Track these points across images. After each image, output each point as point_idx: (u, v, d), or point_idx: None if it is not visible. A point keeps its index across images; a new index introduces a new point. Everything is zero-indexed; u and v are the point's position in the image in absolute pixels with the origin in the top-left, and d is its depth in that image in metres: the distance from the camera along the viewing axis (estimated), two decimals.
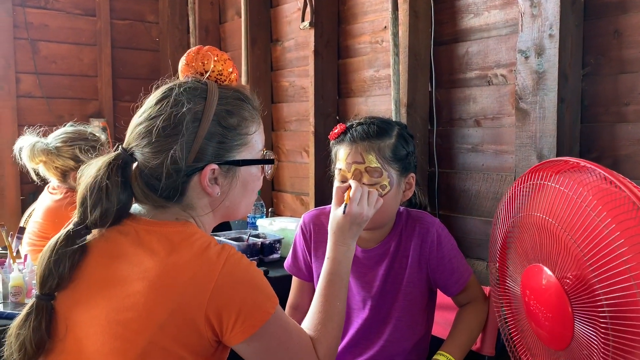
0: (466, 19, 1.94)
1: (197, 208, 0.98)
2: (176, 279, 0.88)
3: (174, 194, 0.95)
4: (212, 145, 0.95)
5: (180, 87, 0.97)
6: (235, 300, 0.89)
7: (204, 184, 0.96)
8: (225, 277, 0.89)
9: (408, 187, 1.38)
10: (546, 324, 1.13)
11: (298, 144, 2.81)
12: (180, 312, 0.87)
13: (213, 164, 0.95)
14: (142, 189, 0.95)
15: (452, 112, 2.01)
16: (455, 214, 2.00)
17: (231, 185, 0.99)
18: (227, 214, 1.04)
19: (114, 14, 3.44)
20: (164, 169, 0.92)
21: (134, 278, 0.90)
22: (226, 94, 0.99)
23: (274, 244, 2.06)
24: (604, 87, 1.58)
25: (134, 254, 0.92)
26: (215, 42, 3.36)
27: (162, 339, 0.87)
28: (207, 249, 0.91)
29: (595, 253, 1.00)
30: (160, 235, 0.93)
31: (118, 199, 0.93)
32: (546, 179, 1.15)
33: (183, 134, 0.93)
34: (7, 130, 3.09)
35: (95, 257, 0.94)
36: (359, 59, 2.40)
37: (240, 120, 0.98)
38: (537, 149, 1.60)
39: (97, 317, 0.90)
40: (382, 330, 1.40)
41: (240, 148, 0.99)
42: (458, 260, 1.41)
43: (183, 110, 0.93)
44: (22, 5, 3.16)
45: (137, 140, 0.95)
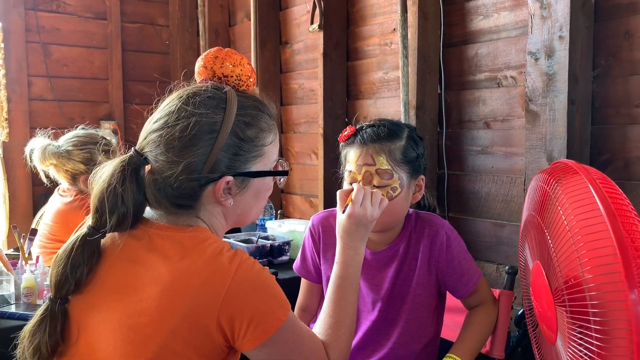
0: (475, 21, 1.93)
1: (210, 216, 0.98)
2: (189, 284, 0.88)
3: (187, 203, 0.95)
4: (228, 157, 0.94)
5: (198, 96, 0.94)
6: (248, 307, 0.89)
7: (217, 195, 0.95)
8: (238, 283, 0.89)
9: (418, 190, 1.37)
10: (542, 319, 1.16)
11: (307, 146, 2.81)
12: (192, 317, 0.87)
13: (228, 176, 0.94)
14: (155, 196, 0.94)
15: (461, 114, 2.00)
16: (464, 216, 1.99)
17: (244, 195, 0.99)
18: (238, 221, 1.04)
19: (124, 17, 3.47)
20: (178, 179, 0.91)
21: (146, 283, 0.90)
22: (245, 103, 0.97)
23: (283, 246, 2.06)
24: (614, 88, 1.57)
25: (147, 259, 0.92)
26: (224, 44, 3.37)
27: (173, 344, 0.87)
28: (220, 255, 0.91)
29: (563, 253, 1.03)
30: (173, 240, 0.93)
31: (134, 203, 0.92)
32: (546, 182, 1.17)
33: (200, 145, 0.92)
34: (19, 133, 3.12)
35: (109, 261, 0.94)
36: (368, 61, 2.40)
37: (258, 131, 0.97)
38: (547, 151, 1.60)
39: (110, 322, 0.90)
40: (391, 332, 1.39)
41: (256, 160, 0.98)
42: (468, 263, 1.40)
43: (201, 120, 0.92)
44: (34, 9, 3.19)
45: (152, 147, 0.94)
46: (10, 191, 3.10)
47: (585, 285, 0.95)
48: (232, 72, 0.98)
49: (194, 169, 0.92)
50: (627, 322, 0.89)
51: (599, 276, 0.93)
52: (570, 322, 1.01)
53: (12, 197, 3.12)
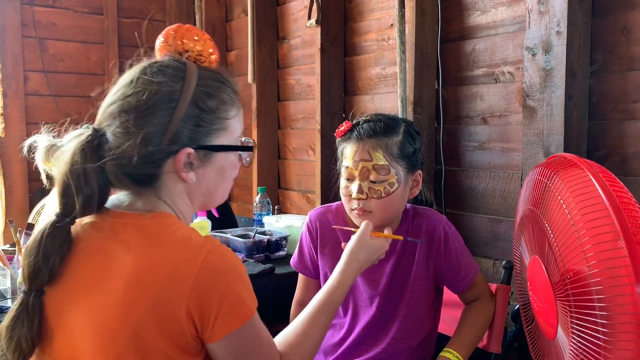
0: (473, 16, 1.93)
1: (173, 195, 0.93)
2: (154, 274, 0.84)
3: (148, 179, 0.91)
4: (188, 127, 0.90)
5: (156, 66, 0.92)
6: (217, 293, 0.85)
7: (178, 169, 0.91)
8: (208, 270, 0.85)
9: (415, 185, 1.37)
10: (541, 313, 1.16)
11: (304, 141, 2.81)
12: (161, 308, 0.84)
13: (189, 148, 0.90)
14: (115, 173, 0.89)
15: (458, 110, 2.00)
16: (461, 212, 2.00)
17: (207, 171, 0.94)
18: (204, 202, 0.99)
19: (121, 12, 3.45)
20: (137, 151, 0.87)
21: (112, 274, 0.86)
22: (206, 74, 0.94)
23: (280, 241, 2.06)
24: (612, 84, 1.57)
25: (111, 250, 0.88)
26: (221, 40, 3.37)
27: (144, 336, 0.84)
28: (188, 241, 0.87)
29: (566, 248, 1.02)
30: (136, 227, 0.89)
31: (98, 183, 0.88)
32: (545, 175, 1.17)
33: (158, 114, 0.88)
34: (15, 128, 3.11)
35: (78, 253, 0.90)
36: (366, 56, 2.40)
37: (220, 103, 0.93)
38: (545, 147, 1.60)
39: (80, 317, 0.87)
40: (389, 327, 1.40)
41: (218, 133, 0.94)
42: (465, 258, 1.41)
43: (159, 89, 0.89)
44: (30, 4, 3.17)
45: (109, 120, 0.90)
46: (6, 187, 3.09)
47: (591, 280, 0.94)
48: (193, 48, 0.95)
49: (152, 140, 0.88)
50: (633, 316, 0.89)
51: (605, 270, 0.92)
52: (574, 316, 1.01)
53: (9, 193, 3.11)
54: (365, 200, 1.30)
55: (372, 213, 1.31)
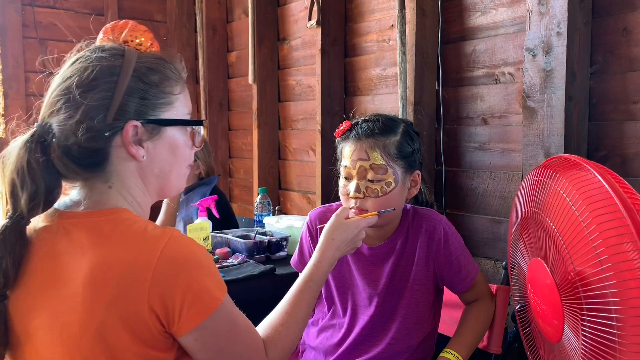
0: (473, 17, 1.93)
1: (125, 179, 0.90)
2: (110, 272, 0.82)
3: (96, 162, 0.88)
4: (133, 101, 0.88)
5: (95, 47, 0.91)
6: (179, 285, 0.82)
7: (126, 143, 0.88)
8: (166, 262, 0.82)
9: (413, 185, 1.38)
10: (543, 316, 1.16)
11: (305, 142, 2.81)
12: (121, 306, 0.81)
13: (135, 121, 0.88)
14: (62, 160, 0.86)
15: (459, 111, 2.00)
16: (462, 213, 2.00)
17: (156, 148, 0.91)
18: (159, 186, 0.95)
19: (122, 13, 3.46)
20: (80, 128, 0.84)
21: (69, 279, 0.84)
22: (146, 54, 0.93)
23: (280, 242, 2.06)
24: (612, 85, 1.57)
25: (65, 253, 0.85)
26: (222, 41, 3.37)
27: (107, 337, 0.82)
28: (144, 233, 0.84)
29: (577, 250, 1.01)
30: (89, 226, 0.86)
31: (44, 179, 0.85)
32: (547, 176, 1.16)
33: (100, 88, 0.86)
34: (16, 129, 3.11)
35: (34, 258, 0.88)
36: (366, 57, 2.40)
37: (163, 78, 0.92)
38: (545, 148, 1.60)
39: (43, 324, 0.85)
40: (389, 327, 1.40)
41: (164, 107, 0.91)
42: (465, 258, 1.41)
43: (100, 64, 0.87)
44: (31, 5, 3.18)
45: (52, 107, 0.88)
46: None
47: (606, 282, 0.93)
48: (132, 38, 0.94)
49: (96, 115, 0.85)
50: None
51: (620, 272, 0.91)
52: (585, 317, 1.00)
53: None
54: (363, 199, 1.31)
55: (369, 211, 1.32)
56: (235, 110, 3.39)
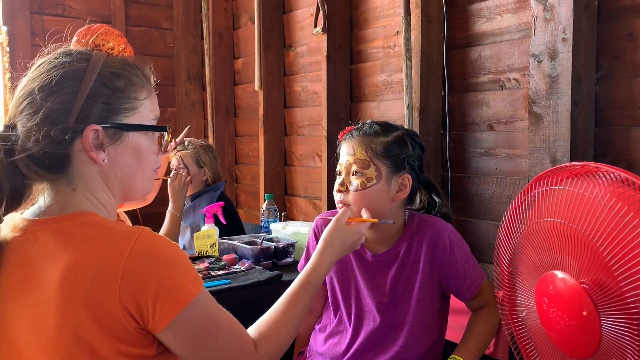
0: (478, 24, 1.94)
1: (88, 182, 0.90)
2: (81, 274, 0.82)
3: (58, 163, 0.88)
4: (96, 106, 0.88)
5: (62, 51, 0.91)
6: (151, 282, 0.82)
7: (86, 147, 0.88)
8: (135, 259, 0.82)
9: (402, 188, 1.38)
10: (568, 332, 1.09)
11: (311, 148, 2.82)
12: (94, 306, 0.82)
13: (95, 125, 0.87)
14: (25, 162, 0.87)
15: (464, 116, 2.00)
16: (468, 219, 2.00)
17: (118, 152, 0.91)
18: (123, 190, 0.95)
19: (129, 21, 3.48)
20: (42, 131, 0.85)
21: (42, 284, 0.84)
22: (114, 59, 0.93)
23: (287, 248, 2.07)
24: (618, 90, 1.57)
25: (37, 259, 0.86)
26: (228, 48, 3.39)
27: (84, 338, 0.82)
28: (111, 233, 0.85)
29: (624, 256, 0.97)
30: (55, 231, 0.86)
31: (8, 180, 0.86)
32: (561, 183, 1.13)
33: (62, 91, 0.86)
34: None
35: (8, 267, 0.88)
36: (372, 63, 2.41)
37: (128, 83, 0.91)
38: (551, 153, 1.60)
39: (22, 330, 0.86)
40: (397, 335, 1.40)
41: (128, 112, 0.91)
42: (471, 265, 1.41)
43: (64, 68, 0.88)
44: (40, 13, 3.21)
45: (17, 108, 0.88)
46: None
47: None
48: (104, 42, 0.94)
49: (58, 118, 0.86)
50: None
51: None
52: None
53: None
54: (345, 193, 1.37)
55: (350, 206, 1.37)
56: (241, 117, 3.40)
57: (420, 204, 1.50)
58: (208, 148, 2.60)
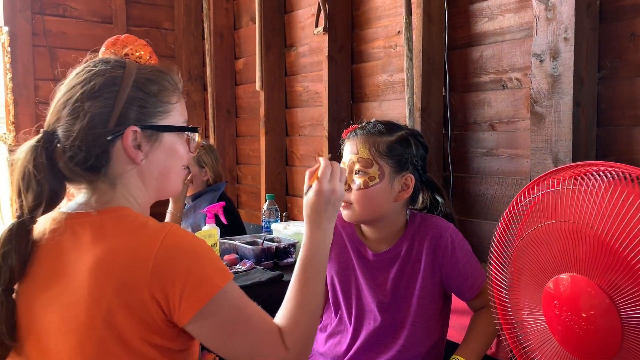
0: (480, 23, 1.93)
1: (126, 180, 0.96)
2: (114, 262, 0.87)
3: (99, 164, 0.93)
4: (133, 109, 0.95)
5: (98, 59, 0.98)
6: (178, 274, 0.86)
7: (126, 146, 0.94)
8: (166, 251, 0.87)
9: (405, 188, 1.38)
10: (585, 336, 1.05)
11: (312, 148, 2.81)
12: (125, 293, 0.86)
13: (134, 126, 0.94)
14: (67, 165, 0.93)
15: (466, 116, 2.00)
16: (470, 219, 1.99)
17: (155, 152, 0.98)
18: (158, 187, 1.01)
19: (130, 21, 3.49)
20: (84, 134, 0.91)
21: (75, 272, 0.89)
22: (145, 66, 1.00)
23: (288, 248, 2.07)
24: (620, 90, 1.57)
25: (72, 249, 0.91)
26: (229, 48, 3.39)
27: (115, 324, 0.86)
28: (144, 227, 0.90)
29: None
30: (93, 224, 0.92)
31: (48, 182, 0.92)
32: (563, 184, 1.10)
33: (102, 97, 0.93)
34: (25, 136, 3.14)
35: (43, 257, 0.93)
36: (373, 63, 2.40)
37: (161, 89, 0.98)
38: (553, 153, 1.59)
39: (54, 317, 0.90)
40: (398, 334, 1.40)
41: (162, 115, 0.98)
42: (472, 265, 1.40)
43: (102, 76, 0.94)
44: (41, 14, 3.21)
45: (58, 114, 0.94)
46: None
47: None
48: (132, 52, 1.01)
49: (99, 122, 0.92)
50: None
51: None
52: None
53: None
54: (347, 192, 1.35)
55: (353, 205, 1.35)
56: (242, 117, 3.40)
57: (423, 204, 1.50)
58: (209, 148, 2.60)
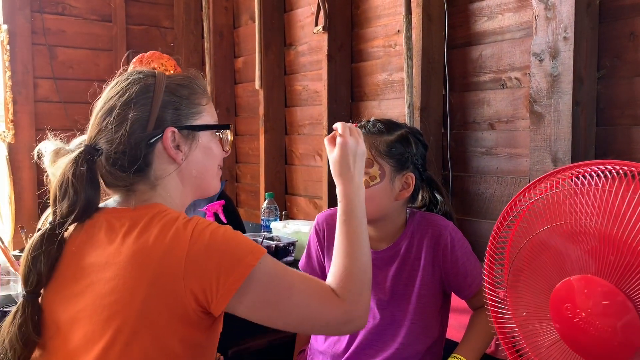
0: (480, 22, 1.94)
1: (165, 181, 1.01)
2: (149, 256, 0.91)
3: (141, 166, 0.98)
4: (168, 112, 1.00)
5: (130, 72, 1.05)
6: (212, 265, 0.90)
7: (167, 146, 0.99)
8: (197, 244, 0.91)
9: (405, 187, 1.38)
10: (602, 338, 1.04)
11: (311, 147, 2.82)
12: (159, 287, 0.90)
13: (172, 127, 1.00)
14: (109, 171, 0.99)
15: (466, 116, 2.00)
16: (469, 218, 2.00)
17: (192, 150, 1.03)
18: (196, 186, 1.06)
19: (129, 19, 3.48)
20: (127, 141, 0.97)
21: (111, 263, 0.93)
22: (174, 75, 1.07)
23: (288, 247, 2.07)
24: (619, 89, 1.57)
25: (108, 242, 0.95)
26: (229, 46, 3.39)
27: (149, 314, 0.90)
28: (175, 222, 0.94)
29: None
30: (130, 219, 0.96)
31: (85, 192, 0.97)
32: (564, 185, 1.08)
33: (139, 104, 0.99)
34: (25, 134, 3.14)
35: (72, 251, 0.98)
36: (372, 62, 2.41)
37: (191, 92, 1.04)
38: (552, 152, 1.60)
39: (84, 307, 0.93)
40: (397, 332, 1.40)
41: (195, 116, 1.04)
42: (472, 264, 1.41)
43: (136, 85, 1.00)
44: (40, 12, 3.20)
45: (99, 126, 1.00)
46: (16, 192, 3.12)
47: None
48: (159, 65, 1.09)
49: (138, 128, 0.98)
50: None
51: None
52: None
53: (18, 198, 3.13)
54: None
55: None
56: (242, 116, 3.40)
57: (422, 201, 1.50)
58: None
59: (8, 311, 1.52)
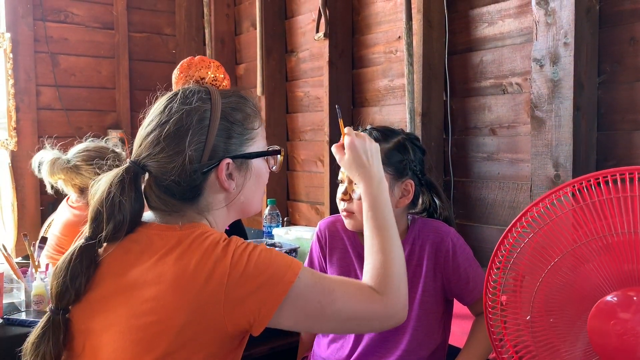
0: (480, 28, 1.94)
1: (212, 206, 0.99)
2: (191, 283, 0.89)
3: (193, 195, 0.97)
4: (223, 141, 0.98)
5: (183, 93, 1.00)
6: (252, 288, 0.90)
7: (221, 179, 0.97)
8: (236, 270, 0.90)
9: (405, 194, 1.38)
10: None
11: (313, 153, 2.82)
12: (200, 314, 0.89)
13: (228, 159, 0.97)
14: (159, 197, 0.96)
15: (467, 121, 2.01)
16: (470, 223, 2.00)
17: (245, 178, 1.01)
18: (241, 210, 1.05)
19: (131, 27, 3.50)
20: (181, 171, 0.94)
21: (150, 283, 0.91)
22: (227, 93, 1.02)
23: (289, 253, 2.07)
24: (620, 94, 1.57)
25: (148, 259, 0.93)
26: (230, 53, 3.40)
27: (183, 338, 0.89)
28: (216, 247, 0.92)
29: None
30: (173, 239, 0.94)
31: (131, 211, 0.95)
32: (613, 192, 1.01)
33: (195, 133, 0.95)
34: (27, 142, 3.15)
35: (109, 266, 0.96)
36: (374, 68, 2.41)
37: (245, 116, 1.01)
38: (553, 158, 1.60)
39: (116, 325, 0.91)
40: (400, 339, 1.40)
41: (249, 142, 1.01)
42: (474, 270, 1.40)
43: (191, 111, 0.96)
44: (43, 20, 3.22)
45: (150, 150, 0.97)
46: (18, 200, 3.12)
47: None
48: (207, 75, 1.04)
49: (194, 158, 0.95)
50: None
51: None
52: None
53: (21, 206, 3.14)
54: (349, 202, 1.35)
55: (355, 214, 1.35)
56: None
57: (422, 205, 1.50)
58: None
59: (12, 319, 1.53)
